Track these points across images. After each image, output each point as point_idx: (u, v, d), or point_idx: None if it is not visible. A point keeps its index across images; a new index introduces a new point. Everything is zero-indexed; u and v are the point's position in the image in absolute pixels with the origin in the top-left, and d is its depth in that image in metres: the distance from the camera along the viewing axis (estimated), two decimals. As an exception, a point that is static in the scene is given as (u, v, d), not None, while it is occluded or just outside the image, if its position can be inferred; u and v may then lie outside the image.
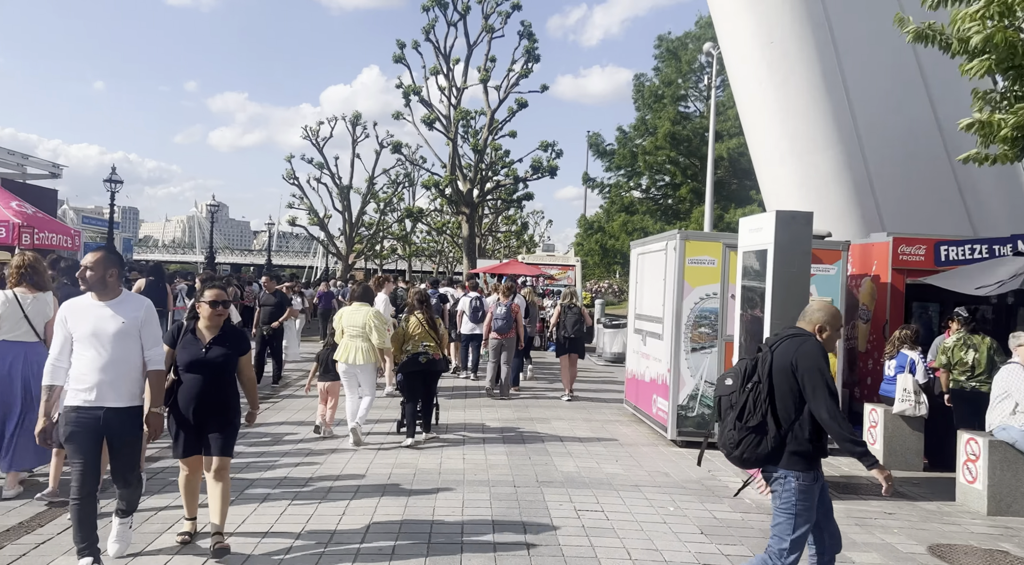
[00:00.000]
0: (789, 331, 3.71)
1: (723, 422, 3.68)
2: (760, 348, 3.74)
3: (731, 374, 3.73)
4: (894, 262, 8.50)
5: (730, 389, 3.67)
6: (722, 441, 3.68)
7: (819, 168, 12.77)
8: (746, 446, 3.54)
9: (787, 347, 3.58)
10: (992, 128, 6.89)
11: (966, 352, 7.56)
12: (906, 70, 12.23)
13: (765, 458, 3.54)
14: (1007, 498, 6.04)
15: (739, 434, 3.55)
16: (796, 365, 3.50)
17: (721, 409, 3.71)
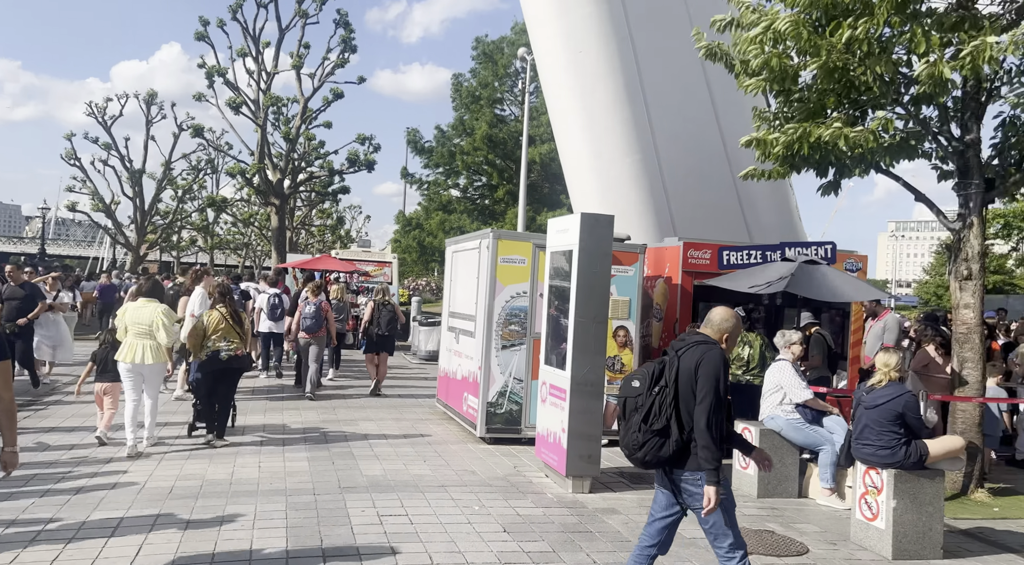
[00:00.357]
0: (696, 337, 3.78)
1: (627, 423, 3.71)
2: (666, 352, 3.80)
3: (638, 376, 3.76)
4: (684, 265, 9.16)
5: (637, 391, 3.70)
6: (625, 442, 3.72)
7: (620, 175, 13.52)
8: (649, 448, 3.60)
9: (693, 353, 3.67)
10: (767, 145, 7.62)
11: (742, 348, 8.32)
12: (696, 87, 13.27)
13: (666, 460, 3.63)
14: (774, 481, 6.70)
15: (643, 436, 3.60)
16: (699, 370, 3.61)
17: (626, 410, 3.75)
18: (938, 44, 6.25)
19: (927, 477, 5.25)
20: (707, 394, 3.56)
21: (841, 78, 7.01)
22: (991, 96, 7.22)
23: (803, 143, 7.15)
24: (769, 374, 6.89)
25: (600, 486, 6.66)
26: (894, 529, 5.13)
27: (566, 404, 6.55)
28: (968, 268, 7.24)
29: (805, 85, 7.67)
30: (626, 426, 3.72)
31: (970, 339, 7.25)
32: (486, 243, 8.58)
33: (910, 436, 5.28)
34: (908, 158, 7.64)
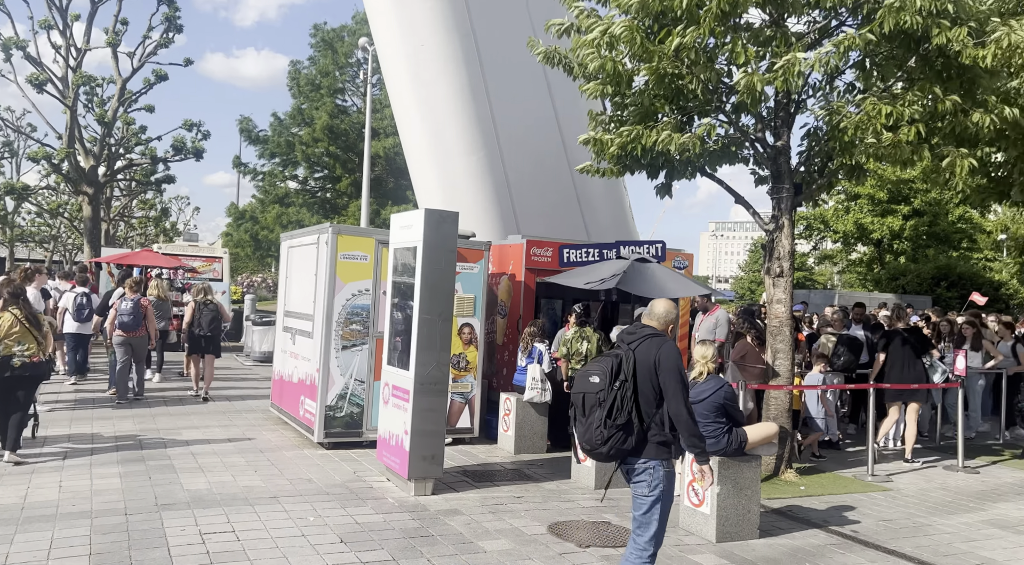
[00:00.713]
0: (646, 330, 3.85)
1: (587, 419, 3.72)
2: (616, 345, 3.84)
3: (596, 372, 3.74)
4: (527, 262, 9.27)
5: (597, 387, 3.70)
6: (587, 438, 3.73)
7: (464, 172, 13.51)
8: (614, 442, 3.65)
9: (648, 347, 3.75)
10: (603, 146, 7.86)
11: (581, 343, 8.52)
12: (538, 87, 13.53)
13: (628, 452, 3.70)
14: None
15: (608, 431, 3.63)
16: (659, 364, 3.69)
17: (585, 407, 3.75)
18: (754, 56, 6.71)
19: (746, 463, 5.62)
20: (676, 386, 3.69)
21: (671, 84, 7.36)
22: (799, 107, 7.88)
23: (637, 145, 7.44)
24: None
25: (443, 487, 6.55)
26: (718, 513, 5.45)
27: (409, 405, 6.38)
28: (780, 266, 7.87)
29: (638, 90, 8.00)
30: (586, 422, 3.73)
31: (782, 331, 7.89)
32: (325, 238, 8.19)
33: (731, 424, 5.63)
34: (729, 163, 8.19)
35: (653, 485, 3.73)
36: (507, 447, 8.34)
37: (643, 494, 3.76)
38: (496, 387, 9.53)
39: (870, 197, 26.73)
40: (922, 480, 7.94)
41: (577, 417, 3.85)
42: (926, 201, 26.30)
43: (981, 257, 29.99)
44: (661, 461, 3.78)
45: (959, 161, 7.16)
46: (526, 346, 8.45)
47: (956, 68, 6.95)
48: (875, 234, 26.77)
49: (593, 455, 3.79)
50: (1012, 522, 6.44)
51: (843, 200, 27.94)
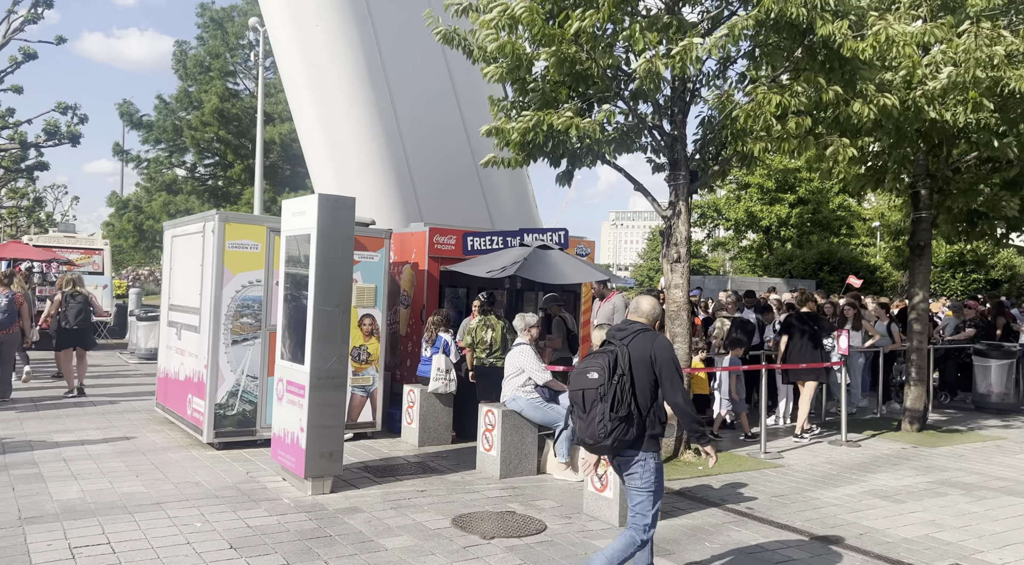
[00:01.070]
0: (636, 326, 3.97)
1: (588, 415, 3.81)
2: (610, 342, 3.93)
3: (595, 368, 3.82)
4: (430, 251, 9.07)
5: (597, 383, 3.78)
6: (589, 432, 3.81)
7: (364, 158, 13.10)
8: (618, 435, 3.75)
9: (642, 341, 3.87)
10: (505, 135, 7.76)
11: (486, 332, 8.43)
12: (438, 72, 13.27)
13: (629, 444, 3.81)
14: (515, 460, 6.86)
15: (612, 424, 3.73)
16: (655, 358, 3.83)
17: (586, 402, 3.82)
18: (654, 42, 6.76)
19: (648, 445, 5.68)
20: (674, 377, 3.85)
21: (571, 70, 7.32)
22: (694, 96, 8.04)
23: (538, 131, 7.37)
24: (511, 358, 7.02)
25: (343, 485, 6.30)
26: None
27: (305, 400, 6.08)
28: (677, 251, 8.02)
29: (540, 75, 7.94)
30: (587, 417, 3.81)
31: (679, 316, 8.06)
32: (211, 226, 7.70)
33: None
34: (628, 151, 8.25)
35: (644, 478, 3.87)
36: (411, 440, 8.15)
37: (637, 486, 3.89)
38: (400, 379, 9.31)
39: (759, 186, 27.98)
40: (810, 455, 8.33)
41: (577, 414, 3.92)
42: (810, 190, 27.78)
43: (858, 243, 32.03)
44: (653, 453, 3.90)
45: (841, 149, 7.49)
46: (430, 336, 8.26)
47: (838, 60, 7.25)
48: (764, 222, 28.07)
49: (596, 449, 3.87)
50: (891, 492, 6.82)
51: (734, 189, 29.12)
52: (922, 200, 10.03)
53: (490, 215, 14.81)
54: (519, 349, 6.96)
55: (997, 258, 25.17)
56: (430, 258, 9.06)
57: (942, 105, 8.30)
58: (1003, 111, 8.48)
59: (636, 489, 3.90)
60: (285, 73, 13.97)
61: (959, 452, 8.60)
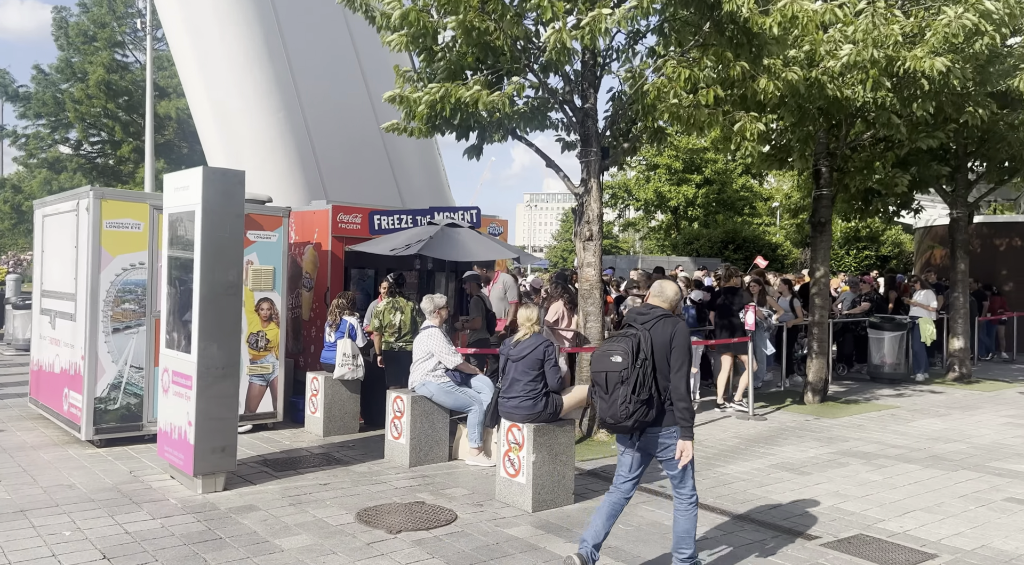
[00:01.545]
0: (657, 311, 4.11)
1: (610, 396, 3.99)
2: (630, 325, 4.09)
3: (618, 352, 3.99)
4: (334, 230, 8.60)
5: (621, 366, 3.95)
6: (611, 413, 3.98)
7: (263, 133, 12.39)
8: (639, 416, 3.92)
9: (663, 326, 4.04)
10: (411, 104, 7.38)
11: (394, 314, 8.07)
12: (340, 42, 12.67)
13: (649, 423, 4.00)
14: (424, 447, 6.58)
15: (633, 406, 3.90)
16: (674, 341, 4.01)
17: (608, 384, 3.99)
18: (563, 12, 6.53)
19: (561, 427, 5.52)
20: (683, 363, 4.02)
21: (479, 40, 7.01)
22: (604, 70, 7.88)
23: (445, 104, 7.04)
24: (419, 342, 6.71)
25: (238, 481, 5.86)
26: (534, 482, 5.30)
27: (192, 392, 5.60)
28: (590, 229, 7.89)
29: (447, 45, 7.58)
30: (609, 398, 3.99)
31: (592, 294, 7.95)
32: (85, 204, 7.00)
33: (547, 388, 5.48)
34: (539, 126, 8.04)
35: (674, 450, 4.05)
36: (315, 430, 7.73)
37: (672, 458, 4.07)
38: (303, 366, 8.83)
39: (668, 167, 28.50)
40: (719, 430, 8.43)
41: (599, 394, 4.09)
42: (715, 171, 28.53)
43: (760, 222, 33.22)
44: (676, 426, 4.07)
45: (749, 125, 7.52)
46: (334, 320, 7.84)
47: (745, 35, 7.24)
48: (672, 202, 28.65)
49: (618, 428, 4.06)
50: (796, 464, 6.95)
51: (644, 170, 29.57)
52: (823, 178, 10.29)
53: (400, 193, 14.37)
54: (427, 332, 6.66)
55: (886, 235, 26.59)
56: (334, 238, 8.59)
57: (842, 83, 8.48)
58: (897, 90, 8.75)
59: (670, 462, 4.10)
60: (173, 42, 13.03)
61: (857, 422, 8.91)
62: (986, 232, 16.97)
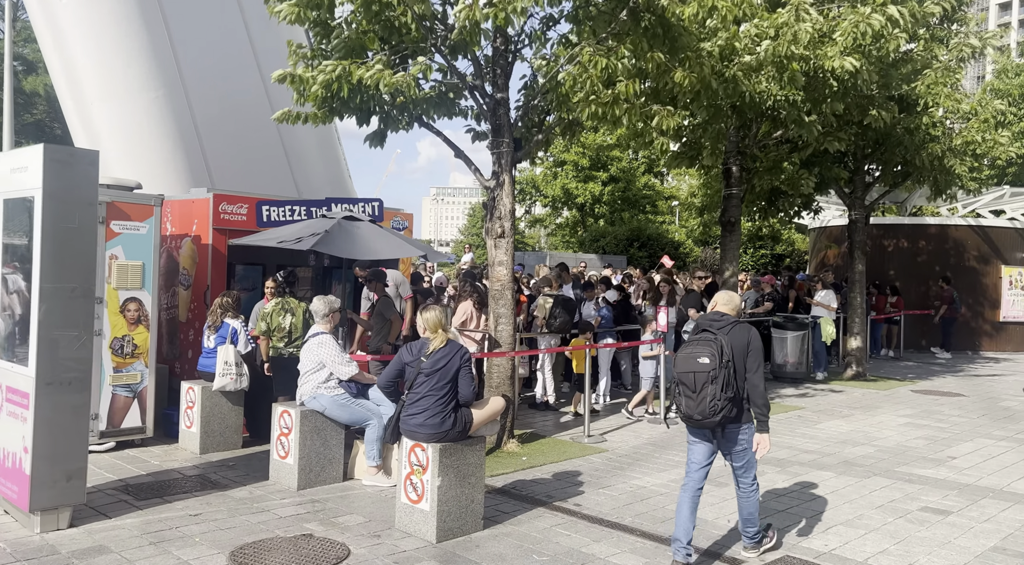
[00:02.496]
0: (728, 318, 4.54)
1: (698, 394, 4.34)
2: (706, 330, 4.49)
3: (704, 354, 4.35)
4: (215, 221, 7.70)
5: (709, 367, 4.31)
6: (699, 410, 4.34)
7: (140, 113, 11.18)
8: (726, 412, 4.30)
9: (739, 332, 4.47)
10: (304, 84, 6.64)
11: (284, 317, 7.30)
12: (229, 16, 11.60)
13: (732, 419, 4.40)
14: (315, 467, 5.88)
15: (721, 403, 4.28)
16: (751, 347, 4.45)
17: (696, 384, 4.34)
18: (473, -13, 5.96)
19: (470, 446, 4.97)
20: (759, 365, 4.46)
21: (380, 15, 6.36)
22: (516, 55, 7.38)
23: (343, 84, 6.35)
24: (307, 351, 5.98)
25: (90, 514, 5.00)
26: (439, 509, 4.73)
27: (30, 412, 4.70)
28: (502, 226, 7.37)
29: (345, 21, 6.88)
30: (697, 397, 4.34)
31: (504, 295, 7.44)
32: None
33: (456, 402, 4.92)
34: (448, 114, 7.46)
35: (745, 443, 4.52)
36: (191, 447, 6.86)
37: (743, 449, 4.53)
38: (180, 373, 7.90)
39: (575, 164, 28.45)
40: (632, 436, 8.12)
41: (686, 393, 4.42)
42: (620, 168, 28.71)
43: (662, 220, 33.82)
44: (750, 424, 4.54)
45: (665, 119, 7.21)
46: (215, 322, 6.98)
47: (662, 26, 6.90)
48: (579, 199, 28.64)
49: (705, 424, 4.40)
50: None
51: (551, 166, 29.42)
52: (733, 177, 10.21)
53: (296, 184, 13.41)
54: (317, 340, 5.95)
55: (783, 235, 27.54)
56: (215, 230, 7.69)
57: (757, 80, 8.34)
58: (808, 90, 8.70)
59: (741, 451, 4.54)
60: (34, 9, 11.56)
61: (767, 424, 8.81)
62: (876, 233, 17.68)
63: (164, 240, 8.28)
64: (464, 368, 4.90)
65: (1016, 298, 17.12)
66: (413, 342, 5.11)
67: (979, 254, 17.18)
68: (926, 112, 11.19)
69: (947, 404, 10.37)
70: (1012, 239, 17.25)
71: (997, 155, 11.73)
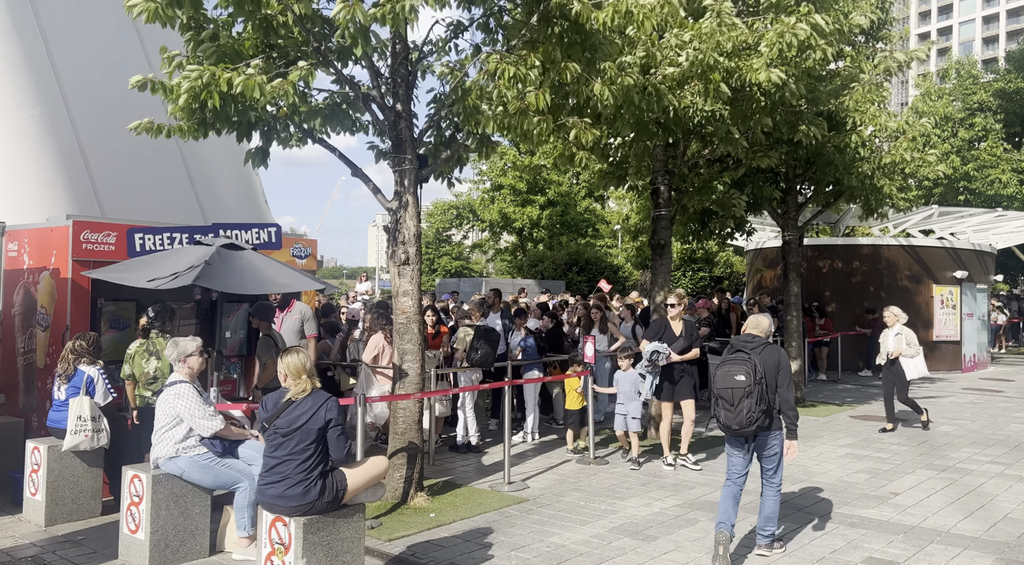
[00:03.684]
0: (759, 340, 5.20)
1: (735, 408, 4.97)
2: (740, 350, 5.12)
3: (741, 372, 4.98)
4: (76, 252, 6.72)
5: (745, 383, 4.94)
6: (738, 421, 4.97)
7: (15, 133, 10.07)
8: (760, 423, 4.96)
9: (769, 353, 5.13)
10: (169, 92, 5.82)
11: (147, 361, 6.34)
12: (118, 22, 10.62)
13: (765, 428, 5.04)
14: (175, 542, 4.96)
15: (756, 415, 4.93)
16: (781, 366, 5.13)
17: (734, 399, 4.97)
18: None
19: (346, 517, 4.16)
20: (789, 381, 5.10)
21: (255, 14, 5.60)
22: (418, 65, 6.70)
23: (212, 92, 5.54)
24: (162, 403, 5.07)
25: None
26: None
27: None
28: (406, 252, 6.63)
29: (220, 21, 6.08)
30: (735, 410, 4.97)
31: (410, 329, 6.67)
32: None
33: (325, 466, 4.11)
34: (344, 128, 6.71)
35: (776, 448, 5.12)
36: (35, 518, 5.82)
37: (774, 454, 5.13)
38: (38, 428, 6.83)
39: (512, 188, 27.95)
40: (557, 481, 7.40)
41: (724, 407, 5.00)
42: (558, 192, 28.32)
43: (603, 244, 33.57)
44: (780, 431, 5.14)
45: (583, 133, 6.62)
46: (65, 371, 5.99)
47: (577, 32, 6.33)
48: (517, 223, 28.10)
49: (742, 433, 4.98)
50: (640, 524, 6.00)
51: (488, 190, 28.85)
52: (661, 197, 9.70)
53: (202, 208, 12.38)
54: (174, 390, 5.05)
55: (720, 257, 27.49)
56: (75, 262, 6.72)
57: (680, 94, 7.85)
58: (735, 104, 8.27)
59: (772, 456, 5.14)
60: None
61: (703, 463, 8.21)
62: (810, 254, 17.55)
63: (21, 275, 7.26)
64: (333, 423, 4.10)
65: (947, 317, 17.16)
66: (272, 393, 4.29)
67: (911, 274, 17.19)
68: (855, 130, 10.96)
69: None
70: (942, 259, 17.33)
71: (926, 174, 11.57)
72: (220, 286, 5.95)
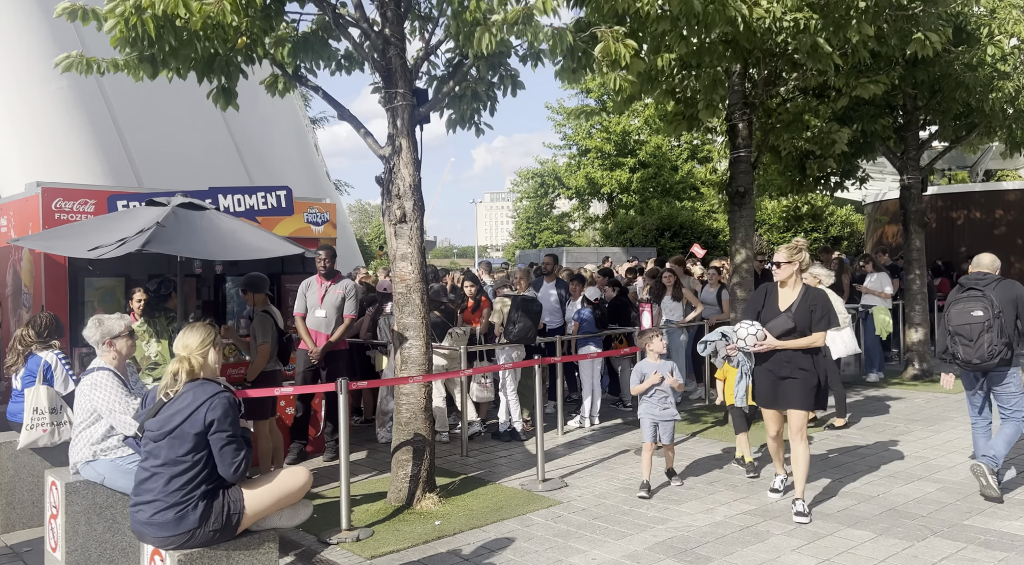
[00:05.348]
0: (991, 276, 5.30)
1: (975, 342, 5.11)
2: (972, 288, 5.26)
3: (978, 308, 5.13)
4: (48, 222, 6.06)
5: (983, 318, 5.09)
6: (978, 355, 5.11)
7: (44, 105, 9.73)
8: (1002, 356, 5.07)
9: (1005, 287, 5.20)
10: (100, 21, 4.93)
11: (148, 344, 5.64)
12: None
13: (1005, 362, 5.14)
14: (99, 561, 4.11)
15: (998, 348, 5.05)
16: (1020, 299, 5.18)
17: (973, 333, 5.11)
18: None
19: (246, 549, 3.11)
20: None
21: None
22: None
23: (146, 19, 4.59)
24: (79, 395, 4.20)
25: None
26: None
27: None
28: (401, 207, 5.50)
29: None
30: (975, 344, 5.12)
31: (410, 300, 5.56)
32: None
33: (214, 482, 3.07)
34: (320, 58, 5.65)
35: (1016, 384, 5.29)
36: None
37: (1012, 391, 5.31)
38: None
39: (599, 150, 26.27)
40: (605, 477, 6.13)
41: (963, 343, 5.18)
42: (649, 152, 26.36)
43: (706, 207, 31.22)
44: (1019, 367, 5.32)
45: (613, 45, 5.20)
46: (16, 359, 5.28)
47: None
48: (605, 188, 26.43)
49: (983, 367, 5.18)
50: (695, 539, 4.66)
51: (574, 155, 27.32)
52: (740, 136, 8.07)
53: (250, 178, 11.82)
54: (89, 379, 4.16)
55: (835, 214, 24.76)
56: (46, 234, 6.04)
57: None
58: (823, 10, 6.56)
59: (1010, 393, 5.31)
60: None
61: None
62: (941, 205, 15.08)
63: (10, 252, 6.71)
64: (221, 430, 3.03)
65: (1117, 271, 14.27)
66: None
67: (1070, 221, 14.42)
68: (992, 41, 8.82)
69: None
70: (1109, 202, 14.43)
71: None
72: (175, 250, 5.03)
